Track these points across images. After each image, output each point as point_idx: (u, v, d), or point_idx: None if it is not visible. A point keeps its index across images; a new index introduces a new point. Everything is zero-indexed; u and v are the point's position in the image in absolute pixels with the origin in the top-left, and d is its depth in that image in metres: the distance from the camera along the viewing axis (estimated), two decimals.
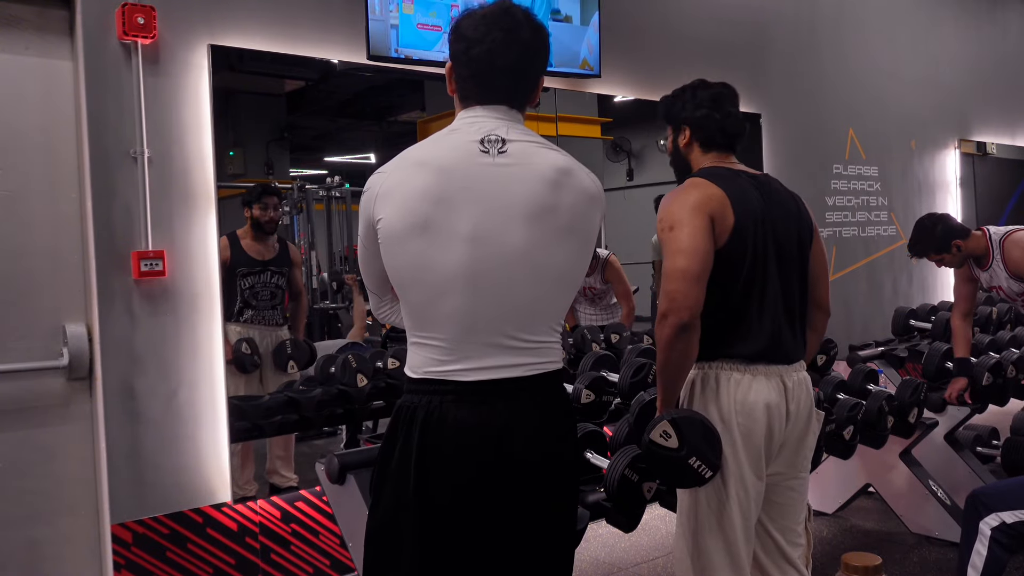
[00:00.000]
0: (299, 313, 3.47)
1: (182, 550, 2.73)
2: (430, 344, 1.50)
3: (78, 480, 2.69)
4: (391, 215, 1.46)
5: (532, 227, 1.48)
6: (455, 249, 1.45)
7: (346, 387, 3.05)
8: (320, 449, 3.38)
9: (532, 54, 1.54)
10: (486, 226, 1.46)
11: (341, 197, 4.32)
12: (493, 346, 1.48)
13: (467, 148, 1.48)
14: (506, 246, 1.47)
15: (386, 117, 4.48)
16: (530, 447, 1.50)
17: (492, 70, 1.51)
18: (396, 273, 1.51)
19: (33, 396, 2.61)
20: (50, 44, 2.64)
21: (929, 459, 3.56)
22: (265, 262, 3.32)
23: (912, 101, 5.74)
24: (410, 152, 1.51)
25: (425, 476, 1.47)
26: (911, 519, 3.58)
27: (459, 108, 1.57)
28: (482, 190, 1.46)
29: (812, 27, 5.03)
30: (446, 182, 1.45)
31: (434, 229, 1.45)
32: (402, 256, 1.48)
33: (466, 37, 1.52)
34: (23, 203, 2.59)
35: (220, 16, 2.83)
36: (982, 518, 2.44)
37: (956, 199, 6.09)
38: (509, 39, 1.50)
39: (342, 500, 2.29)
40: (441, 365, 1.48)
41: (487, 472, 1.48)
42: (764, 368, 1.96)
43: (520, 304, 1.50)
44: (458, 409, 1.47)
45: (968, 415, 3.56)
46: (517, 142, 1.50)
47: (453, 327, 1.48)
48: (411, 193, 1.45)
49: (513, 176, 1.48)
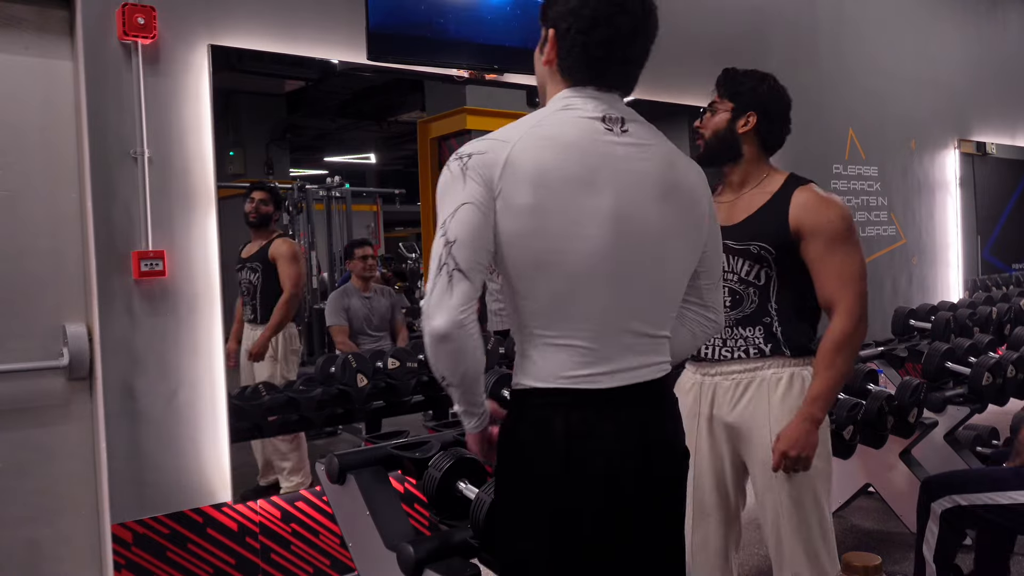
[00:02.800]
0: (277, 311, 3.39)
1: (182, 550, 2.73)
2: (566, 345, 1.33)
3: (78, 480, 2.69)
4: (521, 190, 1.30)
5: (663, 208, 1.38)
6: (597, 230, 1.32)
7: (346, 387, 3.05)
8: (320, 449, 3.38)
9: (650, 44, 1.44)
10: (627, 205, 1.35)
11: (341, 197, 4.32)
12: (632, 343, 1.37)
13: (590, 125, 1.36)
14: (647, 226, 1.37)
15: (386, 117, 4.49)
16: (668, 463, 1.42)
17: (609, 60, 1.40)
18: (524, 257, 1.32)
19: (33, 396, 2.61)
20: (50, 44, 2.64)
21: (929, 459, 3.56)
22: (244, 259, 3.36)
23: (912, 101, 5.74)
24: (525, 126, 1.36)
25: (572, 501, 1.33)
26: (911, 519, 3.56)
27: (561, 83, 1.43)
28: (616, 168, 1.35)
29: (812, 27, 5.02)
30: (580, 158, 1.33)
31: (575, 207, 1.31)
32: (532, 238, 1.31)
33: (586, 15, 1.38)
34: (23, 203, 2.59)
35: (220, 16, 2.83)
36: (934, 499, 2.51)
37: (956, 199, 6.09)
38: (637, 29, 1.40)
39: (342, 500, 2.29)
40: (581, 369, 1.33)
41: (634, 492, 1.36)
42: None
43: (657, 292, 1.41)
44: (603, 423, 1.33)
45: (968, 415, 3.56)
46: (633, 122, 1.41)
47: (595, 321, 1.33)
48: (544, 168, 1.31)
49: (640, 155, 1.38)
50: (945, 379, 3.67)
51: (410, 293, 4.90)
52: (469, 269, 1.27)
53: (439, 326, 1.26)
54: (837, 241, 2.00)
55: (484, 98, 3.85)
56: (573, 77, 1.41)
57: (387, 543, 2.11)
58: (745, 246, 2.08)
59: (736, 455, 2.17)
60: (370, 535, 2.17)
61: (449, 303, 1.26)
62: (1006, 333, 4.49)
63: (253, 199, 3.36)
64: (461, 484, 2.21)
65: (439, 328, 1.26)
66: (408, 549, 2.02)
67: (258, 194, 3.38)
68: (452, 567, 2.03)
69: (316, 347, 4.02)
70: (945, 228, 6.08)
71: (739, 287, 2.10)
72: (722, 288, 1.66)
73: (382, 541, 2.13)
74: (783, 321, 2.07)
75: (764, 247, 2.06)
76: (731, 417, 2.11)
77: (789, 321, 2.07)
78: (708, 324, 1.56)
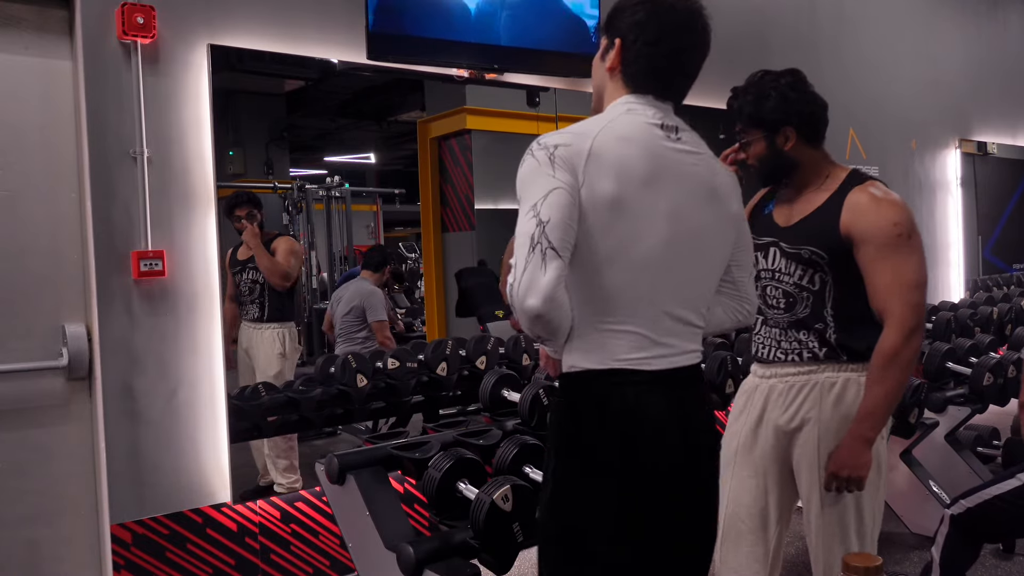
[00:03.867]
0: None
1: (182, 550, 2.73)
2: (624, 331, 1.47)
3: (78, 480, 2.69)
4: (605, 179, 1.42)
5: (706, 209, 1.54)
6: (658, 226, 1.47)
7: (346, 387, 3.05)
8: (320, 449, 3.38)
9: (703, 60, 1.58)
10: (681, 205, 1.49)
11: (341, 197, 4.32)
12: (677, 331, 1.52)
13: (651, 130, 1.50)
14: (695, 224, 1.52)
15: (386, 117, 4.49)
16: (707, 435, 1.56)
17: (671, 72, 1.55)
18: (599, 245, 1.43)
19: (33, 396, 2.61)
20: (50, 44, 2.64)
21: (929, 459, 3.55)
22: (243, 260, 3.36)
23: (912, 101, 5.73)
24: (598, 124, 1.48)
25: (630, 468, 1.46)
26: (911, 519, 3.57)
27: (622, 90, 1.56)
28: (673, 171, 1.50)
29: (812, 27, 5.02)
30: (648, 158, 1.46)
31: (643, 203, 1.45)
32: (610, 228, 1.43)
33: (653, 29, 1.52)
34: (23, 203, 2.59)
35: (220, 16, 2.83)
36: (949, 508, 2.57)
37: (957, 199, 6.09)
38: (696, 45, 1.55)
39: (342, 500, 2.29)
40: (637, 352, 1.47)
41: (682, 462, 1.50)
42: None
43: (698, 287, 1.56)
44: (653, 398, 1.47)
45: (968, 415, 3.56)
46: (684, 131, 1.56)
47: (650, 310, 1.48)
48: (622, 163, 1.44)
49: (691, 160, 1.53)
50: (946, 379, 3.67)
51: (410, 293, 4.89)
52: (562, 248, 1.37)
53: (533, 306, 1.36)
54: (889, 247, 1.90)
55: (484, 98, 3.85)
56: (636, 85, 1.55)
57: (387, 543, 2.11)
58: (797, 250, 2.01)
59: (784, 464, 2.09)
60: (370, 535, 2.17)
61: (542, 280, 1.35)
62: (1007, 333, 4.49)
63: (238, 216, 3.31)
64: (461, 484, 2.21)
65: (533, 308, 1.36)
66: (408, 549, 2.02)
67: (241, 210, 3.32)
68: (452, 567, 2.03)
69: (316, 347, 4.02)
70: (946, 228, 6.08)
71: (793, 290, 2.03)
72: (761, 284, 1.99)
73: (382, 541, 2.13)
74: (840, 328, 1.98)
75: (816, 252, 1.98)
76: (782, 419, 2.04)
77: (846, 327, 1.98)
78: (741, 308, 1.69)
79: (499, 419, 2.76)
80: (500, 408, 2.81)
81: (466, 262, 4.12)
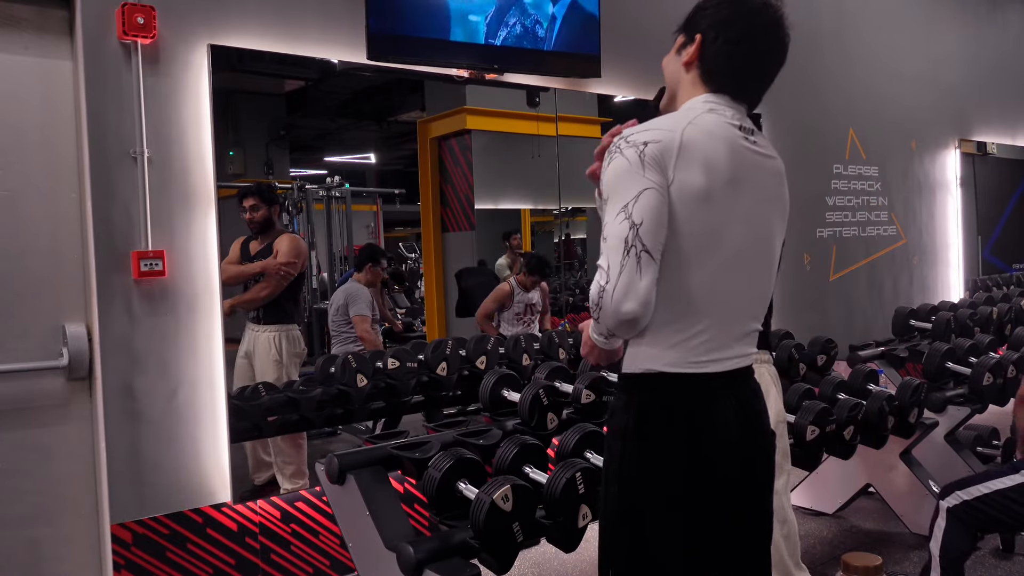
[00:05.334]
0: (257, 287, 3.35)
1: (182, 550, 2.73)
2: (699, 331, 1.45)
3: (78, 480, 2.69)
4: (695, 173, 1.41)
5: (772, 211, 1.55)
6: (736, 228, 1.46)
7: (346, 387, 3.05)
8: (320, 449, 3.38)
9: (780, 67, 1.58)
10: (754, 209, 1.49)
11: (341, 197, 4.32)
12: (740, 334, 1.52)
13: (732, 130, 1.49)
14: (764, 227, 1.52)
15: (386, 117, 4.48)
16: (764, 433, 1.56)
17: (748, 73, 1.54)
18: (684, 243, 1.42)
19: (33, 396, 2.61)
20: (50, 44, 2.64)
21: (929, 459, 3.56)
22: (254, 256, 3.35)
23: (912, 101, 5.74)
24: (684, 119, 1.46)
25: (698, 475, 1.46)
26: (911, 519, 3.57)
27: (700, 87, 1.55)
28: (752, 173, 1.49)
29: (812, 27, 5.02)
30: (731, 157, 1.45)
31: (726, 202, 1.44)
32: (696, 224, 1.42)
33: (736, 28, 1.52)
34: (23, 203, 2.59)
35: (220, 16, 2.83)
36: (943, 499, 2.58)
37: (956, 199, 6.10)
38: (774, 51, 1.55)
39: (342, 500, 2.29)
40: (705, 355, 1.46)
41: (747, 454, 1.51)
42: None
43: (762, 291, 1.57)
44: (718, 399, 1.47)
45: (968, 415, 3.56)
46: (757, 134, 1.55)
47: (726, 311, 1.47)
48: (709, 157, 1.42)
49: (765, 163, 1.53)
50: (946, 379, 3.67)
51: (410, 293, 4.89)
52: (655, 251, 1.38)
53: (631, 311, 1.36)
54: None
55: (484, 98, 3.85)
56: (714, 82, 1.54)
57: (387, 543, 2.11)
58: None
59: None
60: (370, 535, 2.17)
61: (640, 285, 1.36)
62: (1007, 333, 4.49)
63: (244, 207, 3.34)
64: (461, 484, 2.21)
65: (631, 312, 1.36)
66: (408, 549, 2.02)
67: (247, 201, 3.34)
68: (452, 567, 2.03)
69: (316, 347, 4.01)
70: (946, 228, 6.08)
71: None
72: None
73: (382, 541, 2.13)
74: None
75: None
76: None
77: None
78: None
79: (499, 419, 2.76)
80: (500, 408, 2.81)
81: (466, 262, 4.12)
